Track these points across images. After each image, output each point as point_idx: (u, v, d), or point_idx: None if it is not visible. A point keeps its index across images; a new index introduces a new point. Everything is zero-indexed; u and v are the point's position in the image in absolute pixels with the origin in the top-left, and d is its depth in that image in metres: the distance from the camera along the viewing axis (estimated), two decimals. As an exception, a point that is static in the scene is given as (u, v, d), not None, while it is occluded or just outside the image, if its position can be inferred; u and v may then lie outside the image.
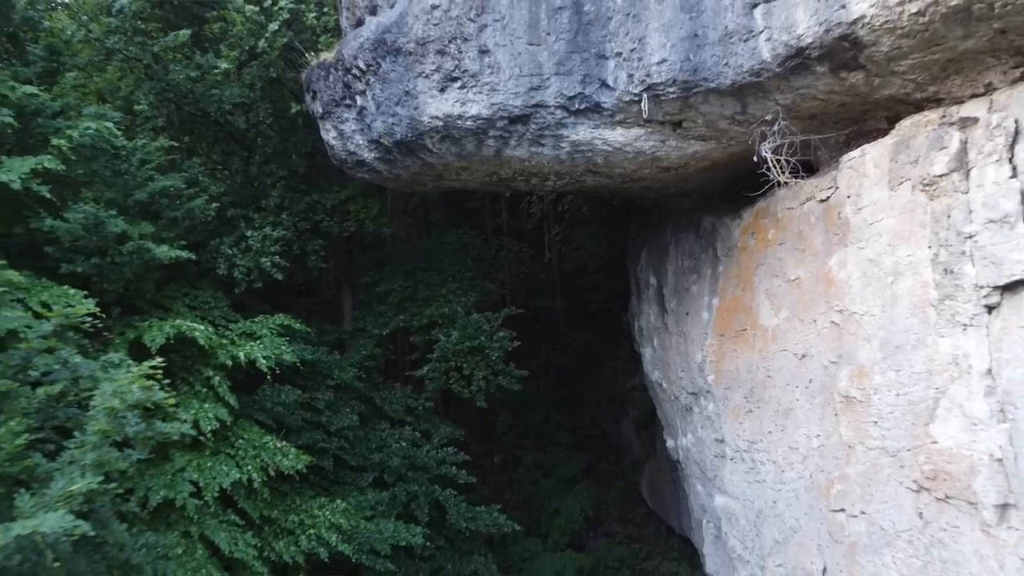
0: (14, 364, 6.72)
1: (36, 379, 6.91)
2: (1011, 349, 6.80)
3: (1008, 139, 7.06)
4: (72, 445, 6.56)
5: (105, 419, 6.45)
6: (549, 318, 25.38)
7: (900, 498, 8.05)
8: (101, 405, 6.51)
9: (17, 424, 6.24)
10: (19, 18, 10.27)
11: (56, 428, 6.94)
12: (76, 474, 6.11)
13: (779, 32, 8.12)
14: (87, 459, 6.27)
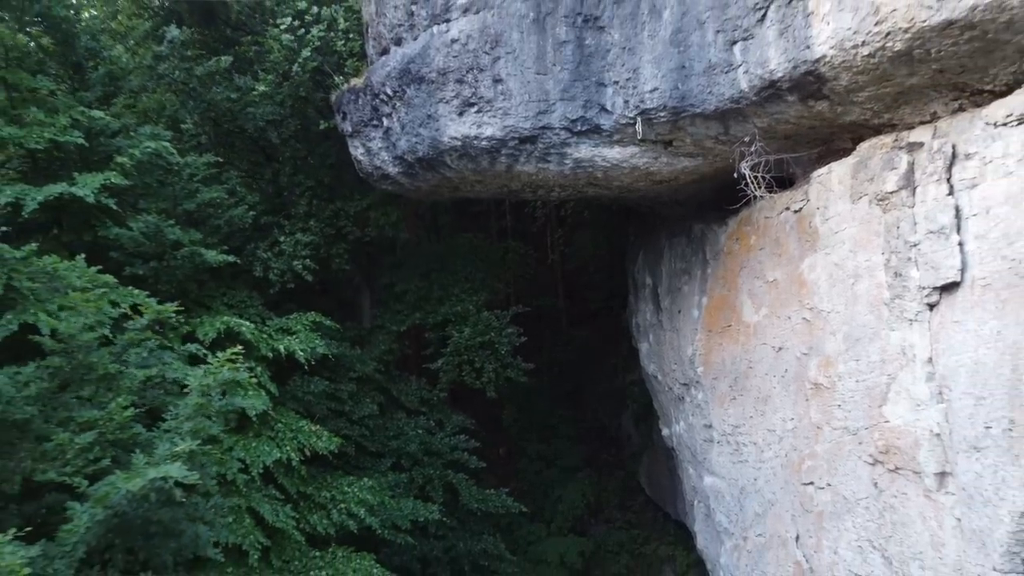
0: (115, 351, 7.90)
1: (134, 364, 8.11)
2: (947, 340, 7.96)
3: (946, 162, 8.20)
4: (168, 417, 7.74)
5: (199, 395, 7.64)
6: (552, 316, 26.40)
7: (859, 471, 9.22)
8: (196, 383, 7.71)
9: (124, 400, 7.44)
10: (83, 48, 11.47)
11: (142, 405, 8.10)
12: (176, 439, 7.30)
13: (755, 67, 9.27)
14: (185, 427, 7.45)
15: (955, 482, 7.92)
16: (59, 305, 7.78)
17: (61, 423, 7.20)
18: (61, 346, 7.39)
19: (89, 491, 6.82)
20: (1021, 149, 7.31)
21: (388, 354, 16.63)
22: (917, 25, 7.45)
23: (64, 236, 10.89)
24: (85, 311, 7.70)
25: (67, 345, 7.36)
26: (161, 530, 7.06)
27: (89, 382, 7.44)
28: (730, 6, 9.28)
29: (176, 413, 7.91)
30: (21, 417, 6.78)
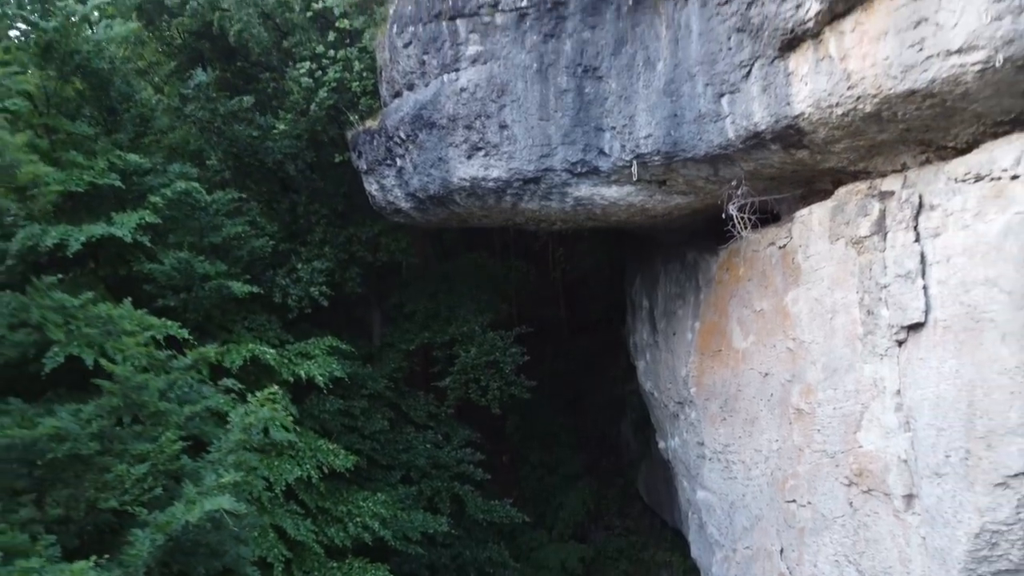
0: (162, 388, 8.69)
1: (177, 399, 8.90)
2: (913, 375, 8.71)
3: (914, 211, 8.95)
4: (213, 450, 8.54)
5: (241, 431, 8.43)
6: (553, 326, 27.06)
7: (836, 491, 9.97)
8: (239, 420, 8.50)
9: (172, 434, 8.22)
10: (116, 93, 12.25)
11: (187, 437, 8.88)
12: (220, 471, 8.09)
13: (740, 118, 10.03)
14: (229, 459, 8.24)
15: (920, 504, 8.69)
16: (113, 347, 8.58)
17: (118, 455, 7.99)
18: (117, 387, 8.19)
19: (148, 518, 7.62)
20: (976, 205, 8.06)
21: (397, 371, 17.42)
22: (884, 92, 8.22)
23: (101, 270, 11.68)
24: (137, 354, 8.50)
25: (123, 386, 8.16)
26: (208, 552, 7.86)
27: (141, 418, 8.23)
28: (718, 62, 10.04)
29: (219, 446, 8.73)
30: (86, 452, 7.58)
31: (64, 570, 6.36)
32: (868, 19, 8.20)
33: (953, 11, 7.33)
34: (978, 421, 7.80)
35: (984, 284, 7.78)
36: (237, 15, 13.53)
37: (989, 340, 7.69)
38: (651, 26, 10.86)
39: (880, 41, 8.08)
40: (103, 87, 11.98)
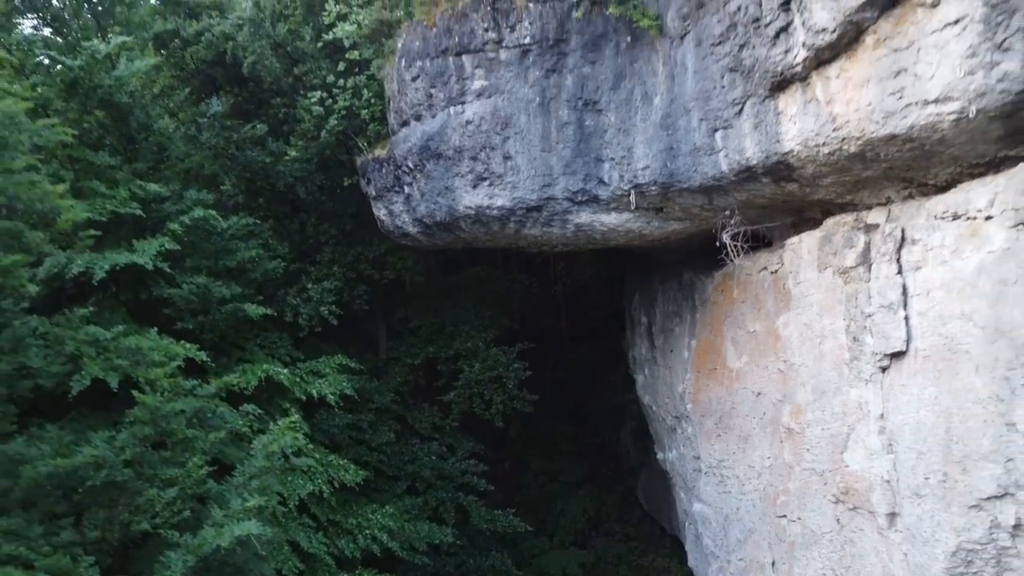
0: (190, 415, 9.17)
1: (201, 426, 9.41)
2: (895, 400, 9.19)
3: (896, 244, 9.43)
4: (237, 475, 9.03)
5: (264, 459, 8.92)
6: (555, 336, 27.49)
7: (824, 508, 10.46)
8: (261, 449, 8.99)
9: (198, 459, 8.71)
10: (136, 123, 12.73)
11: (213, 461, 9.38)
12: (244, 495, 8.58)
13: (733, 153, 10.51)
14: (253, 484, 8.73)
15: (902, 522, 9.16)
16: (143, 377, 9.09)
17: (149, 480, 8.47)
18: (148, 416, 8.67)
19: (180, 540, 8.13)
20: (954, 242, 8.54)
21: (403, 385, 17.92)
22: (867, 135, 8.69)
23: (122, 295, 12.15)
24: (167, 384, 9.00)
25: (153, 415, 8.64)
26: (234, 571, 8.36)
27: (169, 445, 8.72)
28: (712, 99, 10.51)
29: (243, 470, 9.23)
30: (120, 478, 8.05)
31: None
32: (852, 66, 8.67)
33: (930, 63, 7.80)
34: (954, 446, 8.27)
35: (960, 318, 8.25)
36: (251, 47, 14.03)
37: (964, 371, 8.17)
38: (648, 62, 11.36)
39: (863, 88, 8.55)
40: (123, 118, 12.48)
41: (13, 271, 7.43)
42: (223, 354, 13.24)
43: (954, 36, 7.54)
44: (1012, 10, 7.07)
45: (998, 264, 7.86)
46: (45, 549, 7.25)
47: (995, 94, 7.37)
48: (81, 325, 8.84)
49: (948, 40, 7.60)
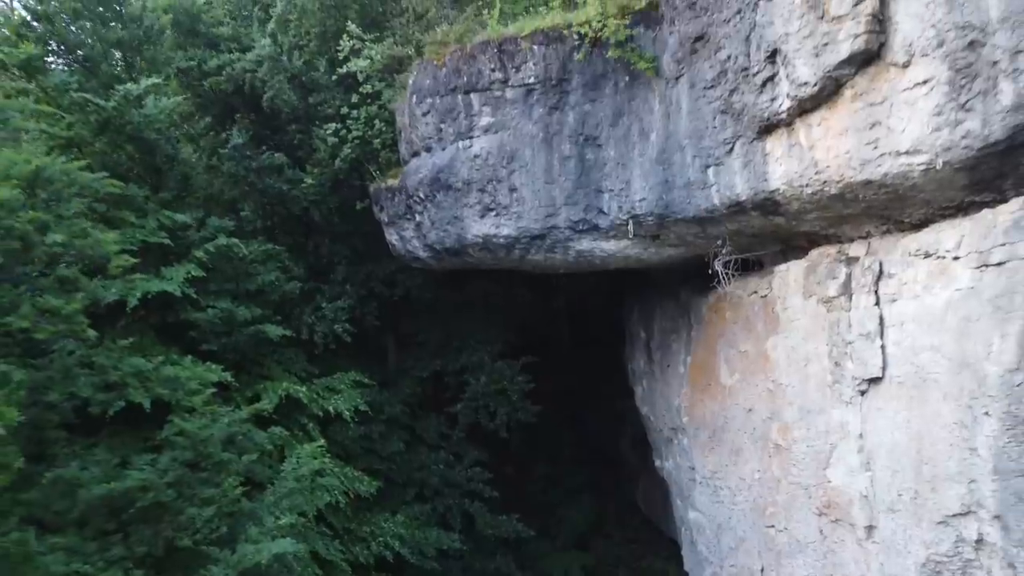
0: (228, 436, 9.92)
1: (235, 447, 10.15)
2: (873, 422, 9.90)
3: (874, 277, 10.12)
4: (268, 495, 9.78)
5: (294, 480, 9.66)
6: (556, 344, 28.17)
7: (809, 519, 11.17)
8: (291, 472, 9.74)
9: (233, 480, 9.45)
10: (162, 156, 13.44)
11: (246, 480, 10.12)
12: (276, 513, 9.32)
13: (724, 188, 11.19)
14: (284, 504, 9.47)
15: (879, 534, 9.87)
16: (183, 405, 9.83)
17: (188, 499, 9.19)
18: (188, 441, 9.40)
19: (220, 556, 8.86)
20: (926, 279, 9.24)
21: (412, 396, 18.66)
22: (846, 179, 9.38)
23: (151, 318, 12.86)
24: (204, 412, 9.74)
25: (192, 440, 9.37)
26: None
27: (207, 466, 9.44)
28: (705, 137, 11.20)
29: (275, 490, 9.98)
30: (165, 499, 8.78)
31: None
32: (832, 116, 9.36)
33: (902, 118, 8.50)
34: (924, 467, 9.00)
35: (930, 350, 8.97)
36: (270, 82, 14.75)
37: (933, 398, 8.89)
38: (645, 101, 12.05)
39: (842, 136, 9.24)
40: (151, 151, 13.20)
41: (74, 317, 8.16)
42: (244, 371, 13.97)
43: (923, 95, 8.24)
44: (974, 75, 7.77)
45: (963, 301, 8.56)
46: (100, 564, 7.98)
47: (959, 149, 8.07)
48: (124, 356, 9.56)
49: (917, 98, 8.30)
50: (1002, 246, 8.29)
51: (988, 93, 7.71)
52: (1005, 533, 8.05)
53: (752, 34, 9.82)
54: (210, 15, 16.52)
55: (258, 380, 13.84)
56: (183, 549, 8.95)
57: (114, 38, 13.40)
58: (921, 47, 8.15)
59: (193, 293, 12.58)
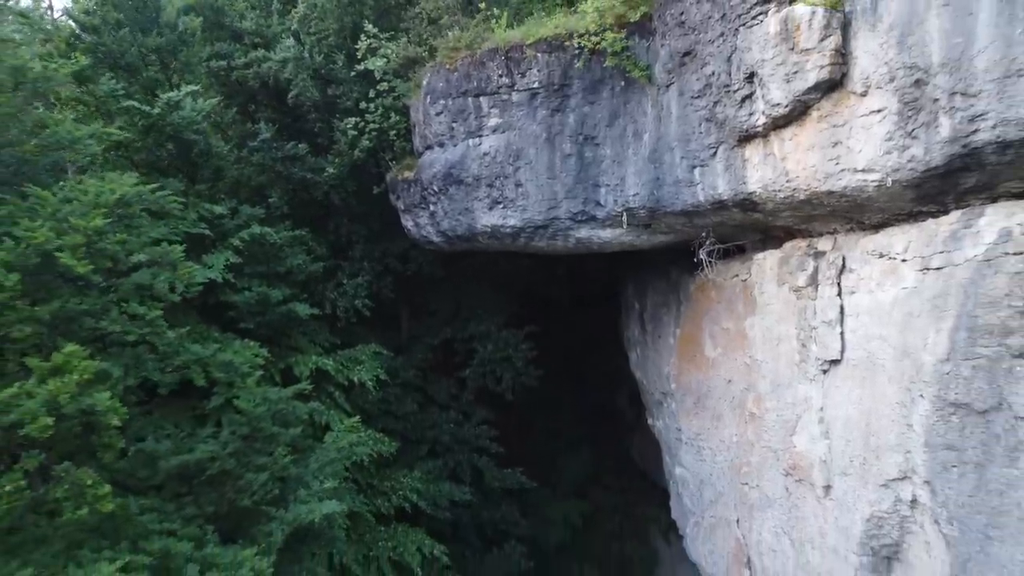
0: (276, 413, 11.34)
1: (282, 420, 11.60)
2: (831, 398, 11.30)
3: (837, 270, 11.42)
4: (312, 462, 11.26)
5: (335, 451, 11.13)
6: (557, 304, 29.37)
7: (777, 478, 12.68)
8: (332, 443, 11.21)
9: (282, 450, 10.90)
10: (198, 151, 14.57)
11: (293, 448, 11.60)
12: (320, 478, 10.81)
13: (708, 188, 12.38)
14: (327, 471, 10.95)
15: (834, 493, 11.36)
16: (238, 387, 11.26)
17: (245, 467, 10.64)
18: (245, 419, 10.83)
19: (277, 515, 10.37)
20: (879, 276, 10.53)
21: (424, 361, 20.12)
22: (812, 188, 10.57)
23: (194, 300, 14.10)
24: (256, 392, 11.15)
25: (248, 417, 10.79)
26: (314, 536, 10.59)
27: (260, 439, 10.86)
28: (691, 141, 12.33)
29: (318, 457, 11.47)
30: (228, 467, 10.23)
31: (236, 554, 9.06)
32: (801, 133, 10.50)
33: (859, 140, 9.66)
34: (871, 438, 10.43)
35: (879, 339, 10.31)
36: (295, 81, 15.78)
37: (880, 381, 10.26)
38: (640, 104, 13.14)
39: (809, 151, 10.40)
40: (188, 147, 14.33)
41: (156, 321, 9.45)
42: (275, 344, 15.35)
43: (877, 121, 9.39)
44: (919, 108, 8.92)
45: (907, 299, 9.87)
46: (179, 521, 9.46)
47: (906, 171, 9.25)
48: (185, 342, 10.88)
49: (873, 124, 9.46)
50: (941, 253, 9.56)
51: (930, 125, 8.85)
52: (933, 495, 9.50)
53: (733, 56, 10.88)
54: (233, 7, 17.40)
55: (288, 353, 15.24)
56: (244, 508, 10.45)
57: (153, 45, 14.46)
58: (876, 80, 9.27)
59: (231, 277, 13.88)
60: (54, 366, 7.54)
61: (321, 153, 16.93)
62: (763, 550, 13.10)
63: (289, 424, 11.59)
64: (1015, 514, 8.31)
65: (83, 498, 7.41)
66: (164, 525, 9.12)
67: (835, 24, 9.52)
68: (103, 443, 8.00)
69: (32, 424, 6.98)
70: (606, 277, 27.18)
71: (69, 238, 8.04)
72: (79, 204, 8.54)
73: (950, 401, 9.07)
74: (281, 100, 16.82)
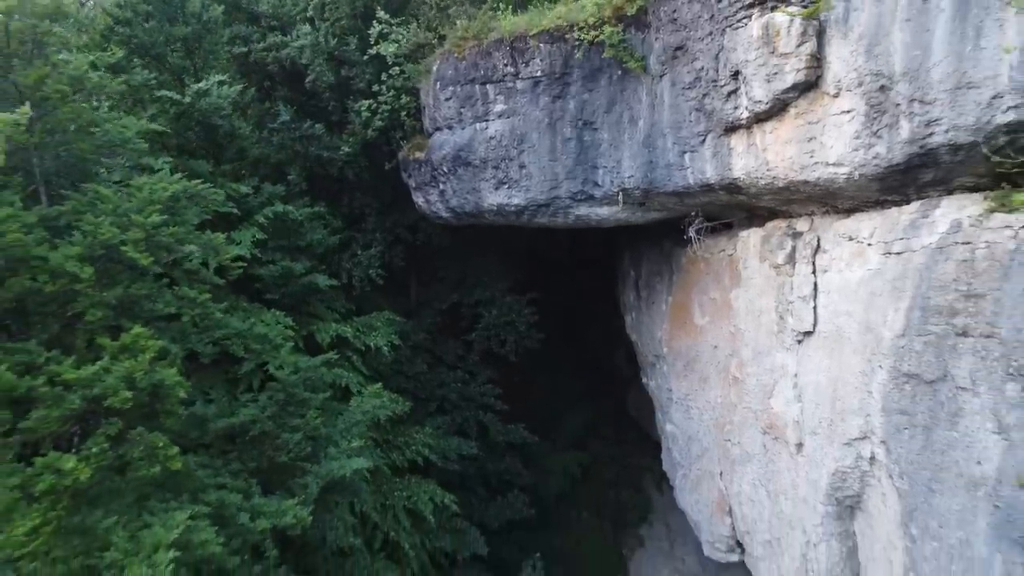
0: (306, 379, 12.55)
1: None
2: (804, 366, 12.47)
3: (812, 250, 12.47)
4: (340, 423, 12.50)
5: (361, 414, 12.34)
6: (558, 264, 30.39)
7: (756, 436, 13.94)
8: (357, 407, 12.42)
9: (313, 413, 12.11)
10: (223, 133, 15.46)
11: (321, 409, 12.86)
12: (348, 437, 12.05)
13: (697, 172, 13.32)
14: (354, 431, 12.19)
15: (805, 450, 12.61)
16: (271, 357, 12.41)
17: (282, 427, 11.86)
18: (280, 386, 12.02)
19: (311, 470, 11.65)
20: (848, 257, 11.58)
21: (432, 325, 21.31)
22: (790, 177, 11.54)
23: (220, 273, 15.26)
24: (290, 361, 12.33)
25: (283, 384, 11.98)
26: (342, 487, 11.89)
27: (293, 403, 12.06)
28: (682, 128, 13.23)
29: (345, 419, 12.72)
30: (267, 429, 11.45)
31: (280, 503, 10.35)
32: (780, 127, 11.42)
33: (831, 136, 10.59)
34: (837, 402, 11.60)
35: (846, 315, 11.41)
36: (311, 66, 16.57)
37: (846, 352, 11.39)
38: (635, 92, 13.99)
39: (787, 145, 11.34)
40: (214, 131, 15.24)
41: (206, 303, 10.54)
42: (298, 312, 16.48)
43: (847, 121, 10.32)
44: (883, 111, 9.85)
45: (871, 280, 10.94)
46: (227, 476, 10.72)
47: (871, 166, 10.22)
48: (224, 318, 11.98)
49: (843, 123, 10.39)
50: (901, 239, 10.59)
51: (892, 126, 9.79)
52: (888, 453, 10.70)
53: (720, 54, 11.73)
54: (249, -11, 18.12)
55: (309, 320, 16.38)
56: (281, 464, 11.69)
57: (180, 34, 15.25)
58: (846, 84, 10.17)
59: (257, 253, 14.95)
60: (122, 345, 8.68)
61: (336, 131, 17.82)
62: (743, 500, 14.43)
63: (318, 389, 12.81)
64: (953, 471, 9.51)
65: (155, 458, 8.63)
66: (216, 479, 10.39)
67: (811, 32, 10.38)
68: (165, 410, 9.18)
69: (114, 397, 8.16)
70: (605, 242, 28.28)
71: (131, 233, 9.09)
72: (136, 201, 9.56)
73: (904, 372, 10.18)
74: (298, 82, 17.61)
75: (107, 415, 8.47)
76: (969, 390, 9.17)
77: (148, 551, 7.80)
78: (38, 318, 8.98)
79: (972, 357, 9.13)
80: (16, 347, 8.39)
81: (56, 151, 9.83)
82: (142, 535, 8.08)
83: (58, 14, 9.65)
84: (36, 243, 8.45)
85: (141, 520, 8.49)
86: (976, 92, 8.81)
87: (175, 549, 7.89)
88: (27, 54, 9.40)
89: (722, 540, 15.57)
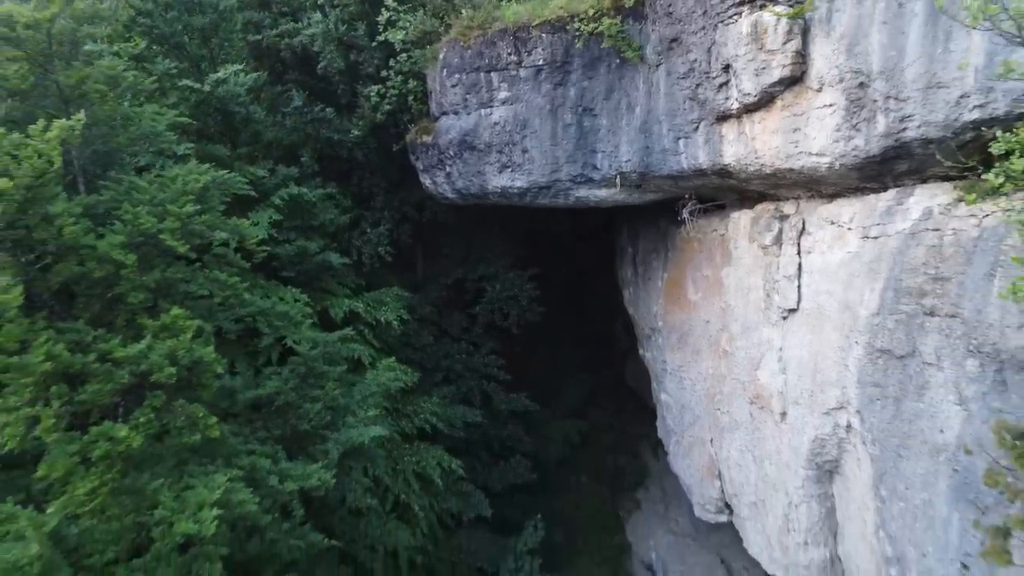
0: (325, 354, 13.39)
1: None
2: (789, 340, 13.30)
3: (797, 232, 13.24)
4: (356, 394, 13.39)
5: (376, 386, 13.21)
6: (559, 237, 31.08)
7: (743, 406, 14.83)
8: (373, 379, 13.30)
9: (332, 385, 12.99)
10: (239, 119, 16.12)
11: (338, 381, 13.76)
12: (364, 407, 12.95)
13: (690, 158, 14.02)
14: (369, 401, 13.08)
15: (788, 419, 13.51)
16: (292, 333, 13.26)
17: (303, 398, 12.74)
18: (302, 360, 12.88)
19: (332, 437, 12.56)
20: (830, 240, 12.35)
21: (438, 299, 22.15)
22: (776, 165, 12.25)
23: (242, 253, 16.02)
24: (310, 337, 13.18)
25: (305, 358, 12.84)
26: (361, 453, 12.82)
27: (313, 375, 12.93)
28: (677, 116, 13.90)
29: (361, 389, 13.61)
30: (290, 400, 12.34)
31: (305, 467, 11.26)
32: (768, 118, 12.10)
33: (815, 128, 11.28)
34: (818, 375, 12.46)
35: (827, 294, 12.22)
36: (323, 52, 17.14)
37: (827, 328, 12.22)
38: (633, 80, 14.62)
39: (774, 135, 12.03)
40: (231, 116, 15.91)
41: (235, 286, 11.32)
42: (312, 288, 17.31)
43: (829, 114, 11.01)
44: (861, 106, 10.54)
45: (850, 262, 11.72)
46: (255, 442, 11.62)
47: (850, 157, 10.92)
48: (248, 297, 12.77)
49: (825, 116, 11.07)
50: (878, 224, 11.35)
51: (870, 121, 10.48)
52: (862, 422, 11.58)
53: (712, 48, 12.36)
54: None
55: (322, 295, 17.21)
56: (303, 432, 12.60)
57: (198, 24, 15.84)
58: (828, 80, 10.84)
59: (274, 233, 15.73)
60: (162, 324, 9.50)
61: (346, 114, 18.47)
62: (731, 465, 15.38)
63: (335, 363, 13.67)
64: (919, 438, 10.39)
65: (196, 427, 9.52)
66: (247, 446, 11.29)
67: (796, 30, 11.02)
68: (201, 383, 10.03)
69: (159, 372, 9.02)
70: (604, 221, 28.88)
71: (168, 222, 9.86)
72: (170, 191, 10.32)
73: (877, 347, 11.01)
74: (309, 66, 18.20)
75: (151, 388, 9.32)
76: (934, 365, 10.00)
77: (193, 509, 8.70)
78: (83, 300, 9.79)
79: (937, 335, 9.95)
80: (67, 327, 9.20)
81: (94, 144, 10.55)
82: (186, 495, 8.98)
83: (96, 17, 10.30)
84: (83, 232, 9.22)
85: (183, 482, 9.38)
86: (945, 91, 9.49)
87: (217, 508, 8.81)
88: (66, 55, 10.08)
89: (712, 502, 16.57)
